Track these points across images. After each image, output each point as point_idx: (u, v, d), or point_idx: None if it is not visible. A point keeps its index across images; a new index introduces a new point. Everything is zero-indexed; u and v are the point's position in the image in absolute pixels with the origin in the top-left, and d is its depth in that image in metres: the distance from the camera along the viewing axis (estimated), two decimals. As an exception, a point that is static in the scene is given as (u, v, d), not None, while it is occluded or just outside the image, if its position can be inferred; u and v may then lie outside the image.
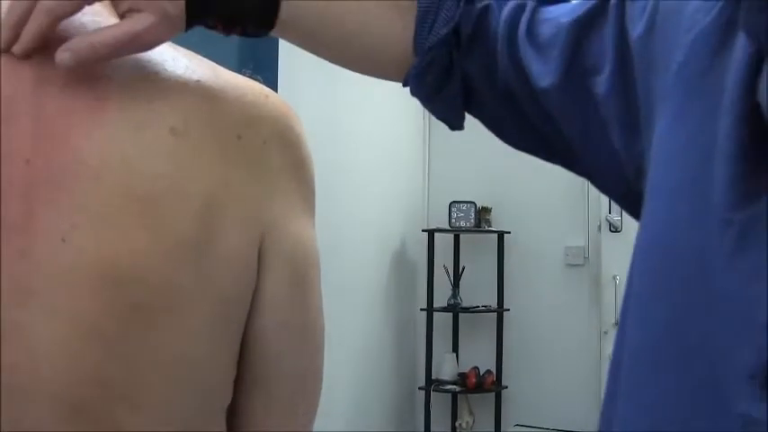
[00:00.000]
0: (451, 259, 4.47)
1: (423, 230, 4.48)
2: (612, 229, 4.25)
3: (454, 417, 4.45)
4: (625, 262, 0.60)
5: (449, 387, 4.32)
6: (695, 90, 0.54)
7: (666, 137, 0.56)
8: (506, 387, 4.40)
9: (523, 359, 4.45)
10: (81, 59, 0.57)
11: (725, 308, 0.48)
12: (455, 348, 4.52)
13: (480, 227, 4.44)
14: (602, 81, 0.65)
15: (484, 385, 4.33)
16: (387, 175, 4.17)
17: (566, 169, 0.75)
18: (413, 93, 0.77)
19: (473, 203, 4.42)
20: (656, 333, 0.53)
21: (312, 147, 0.68)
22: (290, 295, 0.64)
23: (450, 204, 4.41)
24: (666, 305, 0.52)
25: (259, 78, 2.39)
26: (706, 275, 0.49)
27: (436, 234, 4.40)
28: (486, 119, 0.78)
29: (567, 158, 0.74)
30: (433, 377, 4.35)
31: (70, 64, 0.57)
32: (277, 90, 2.68)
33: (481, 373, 4.35)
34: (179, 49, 0.64)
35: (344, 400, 3.60)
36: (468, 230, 4.43)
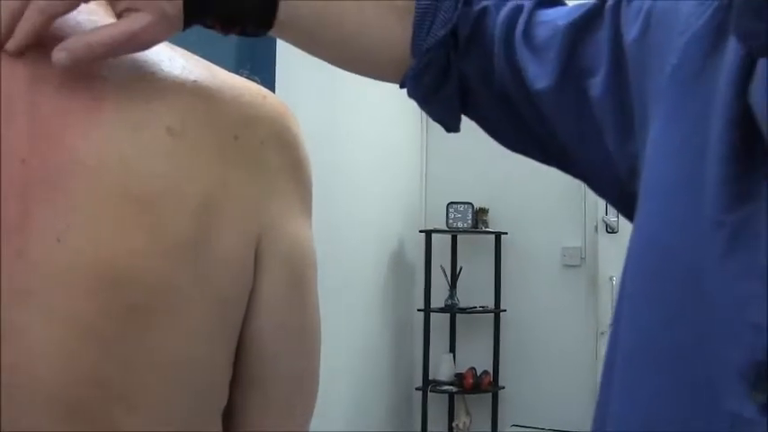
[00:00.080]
0: (449, 260, 4.47)
1: (420, 231, 4.48)
2: (609, 230, 4.25)
3: (451, 417, 4.45)
4: (622, 263, 0.60)
5: (446, 387, 4.33)
6: (689, 92, 0.54)
7: (660, 138, 0.56)
8: (503, 387, 4.40)
9: (520, 360, 4.45)
10: (77, 59, 0.57)
11: (716, 308, 0.48)
12: (452, 349, 4.52)
13: (477, 228, 4.44)
14: (597, 83, 0.65)
15: (481, 386, 4.33)
16: (384, 176, 4.17)
17: (561, 171, 0.75)
18: (410, 94, 0.77)
19: (470, 204, 4.42)
20: (650, 334, 0.53)
21: (309, 147, 0.68)
22: (287, 296, 0.64)
23: (448, 205, 4.42)
24: (659, 306, 0.52)
25: (256, 79, 2.38)
26: (698, 276, 0.49)
27: (433, 235, 4.40)
28: (483, 121, 0.78)
29: (563, 161, 0.74)
30: (430, 378, 4.35)
31: (66, 63, 0.57)
32: (274, 91, 2.68)
33: (478, 374, 4.36)
34: (176, 49, 0.64)
35: (341, 400, 3.60)
36: (466, 231, 4.43)
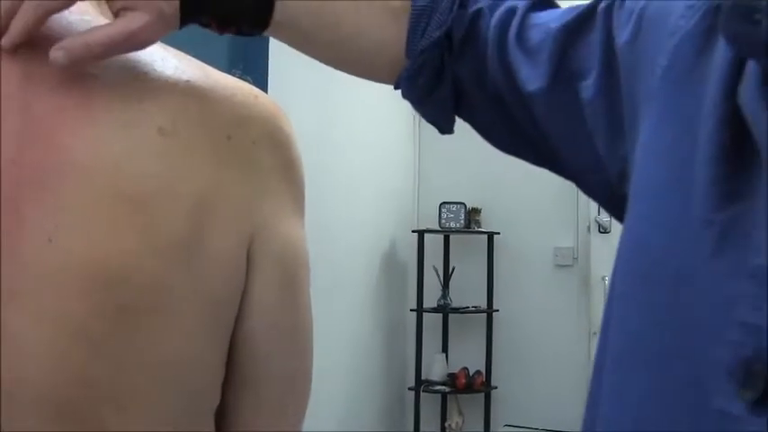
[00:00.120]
0: (441, 260, 4.48)
1: (413, 231, 4.49)
2: (602, 230, 4.27)
3: (444, 417, 4.46)
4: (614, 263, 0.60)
5: (438, 388, 4.33)
6: (679, 94, 0.54)
7: (650, 140, 0.56)
8: (496, 387, 4.40)
9: (513, 360, 4.46)
10: (75, 58, 0.57)
11: (704, 307, 0.48)
12: (445, 349, 4.52)
13: (470, 228, 4.45)
14: (589, 86, 0.66)
15: (473, 386, 4.34)
16: (377, 176, 4.17)
17: (553, 173, 0.76)
18: (404, 95, 0.77)
19: (463, 204, 4.43)
20: (639, 335, 0.53)
21: (302, 147, 0.68)
22: (279, 297, 0.64)
23: (440, 205, 4.42)
24: (649, 308, 0.53)
25: (249, 79, 2.38)
26: (687, 277, 0.50)
27: (426, 235, 4.40)
28: (476, 122, 0.78)
29: (554, 163, 0.74)
30: (423, 378, 4.35)
31: (64, 62, 0.57)
32: (267, 91, 2.68)
33: (471, 374, 4.36)
34: (168, 49, 0.64)
35: (334, 400, 3.60)
36: (458, 231, 4.43)
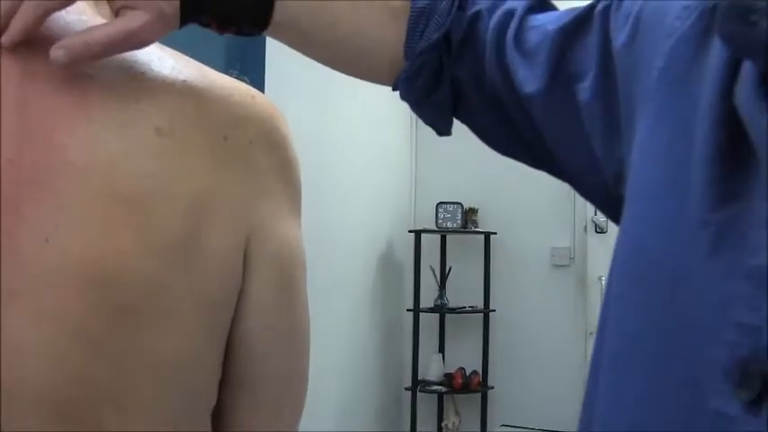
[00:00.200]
0: (438, 260, 4.48)
1: (409, 231, 4.48)
2: (598, 230, 4.27)
3: (440, 417, 4.46)
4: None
5: (435, 387, 4.33)
6: (675, 95, 0.54)
7: (647, 141, 0.56)
8: (492, 387, 4.40)
9: (509, 360, 4.46)
10: (75, 57, 0.57)
11: (701, 308, 0.48)
12: (441, 349, 4.52)
13: (467, 228, 4.45)
14: (585, 88, 0.66)
15: (470, 386, 4.34)
16: (374, 176, 4.16)
17: (551, 175, 0.76)
18: (402, 97, 0.77)
19: (460, 204, 4.43)
20: (635, 336, 0.53)
21: (298, 148, 0.68)
22: (276, 298, 0.64)
23: (437, 205, 4.42)
24: (645, 308, 0.53)
25: (245, 79, 2.38)
26: (684, 277, 0.50)
27: (423, 235, 4.40)
28: (474, 125, 0.78)
29: (551, 165, 0.74)
30: (420, 378, 4.35)
31: (64, 61, 0.57)
32: (264, 91, 2.68)
33: (467, 374, 4.36)
34: (165, 49, 0.64)
35: (331, 400, 3.59)
36: (455, 231, 4.43)
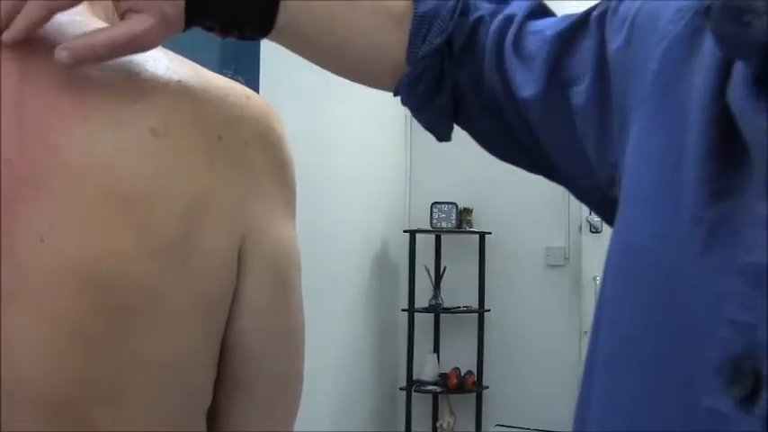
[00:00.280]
0: (433, 260, 4.48)
1: (404, 231, 4.49)
2: (593, 230, 4.27)
3: (435, 417, 4.46)
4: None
5: (430, 387, 4.33)
6: (669, 96, 0.54)
7: (640, 144, 0.57)
8: (487, 387, 4.41)
9: (504, 359, 4.46)
10: (79, 58, 0.57)
11: (694, 306, 0.48)
12: (436, 349, 4.53)
13: (461, 227, 4.45)
14: (581, 92, 0.66)
15: (465, 386, 4.34)
16: (368, 177, 4.17)
17: (548, 180, 0.76)
18: (404, 102, 0.77)
19: (454, 204, 4.43)
20: (629, 337, 0.53)
21: (293, 148, 0.68)
22: (271, 298, 0.64)
23: (432, 205, 4.42)
24: (639, 309, 0.53)
25: (240, 79, 2.38)
26: (677, 276, 0.50)
27: (417, 235, 4.40)
28: (474, 130, 0.78)
29: (548, 169, 0.74)
30: (415, 378, 4.35)
31: (68, 62, 0.57)
32: (258, 91, 2.68)
33: (462, 374, 4.37)
34: (161, 49, 0.64)
35: (326, 400, 3.60)
36: (450, 231, 4.44)
